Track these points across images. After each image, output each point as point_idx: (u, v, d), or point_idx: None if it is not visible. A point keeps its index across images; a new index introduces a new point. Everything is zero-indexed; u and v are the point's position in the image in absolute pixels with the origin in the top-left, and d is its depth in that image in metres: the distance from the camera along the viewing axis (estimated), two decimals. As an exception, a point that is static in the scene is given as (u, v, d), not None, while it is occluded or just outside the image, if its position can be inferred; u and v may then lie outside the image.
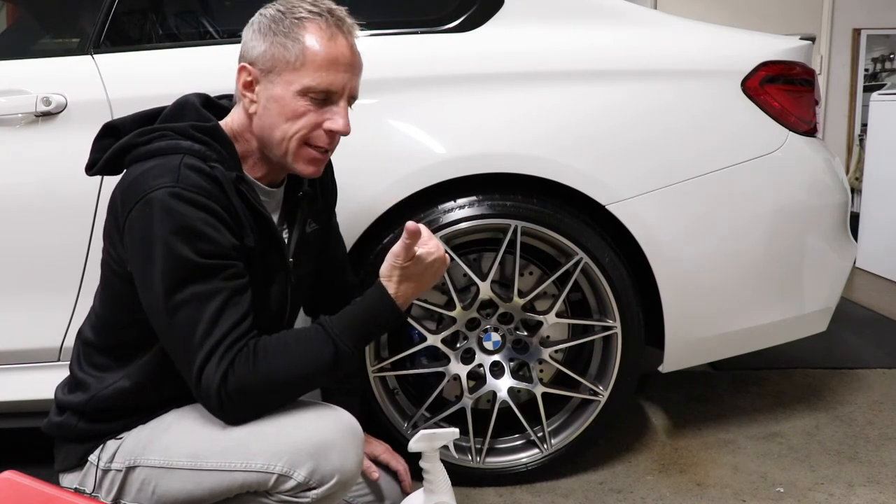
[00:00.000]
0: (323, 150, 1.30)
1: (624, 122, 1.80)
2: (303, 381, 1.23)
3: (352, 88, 1.29)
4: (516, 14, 1.84)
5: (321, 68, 1.24)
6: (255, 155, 1.33)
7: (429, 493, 1.36)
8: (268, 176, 1.36)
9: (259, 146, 1.31)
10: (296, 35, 1.24)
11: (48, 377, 1.59)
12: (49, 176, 1.70)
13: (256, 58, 1.27)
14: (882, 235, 4.13)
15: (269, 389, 1.20)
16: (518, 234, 1.75)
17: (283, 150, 1.28)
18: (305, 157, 1.29)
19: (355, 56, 1.29)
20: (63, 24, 2.01)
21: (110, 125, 1.34)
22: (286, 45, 1.24)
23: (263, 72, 1.26)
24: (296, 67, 1.24)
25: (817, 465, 1.99)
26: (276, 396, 1.23)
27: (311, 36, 1.24)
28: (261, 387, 1.19)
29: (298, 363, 1.21)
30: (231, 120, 1.33)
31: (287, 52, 1.24)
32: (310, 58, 1.24)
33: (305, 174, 1.31)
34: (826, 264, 2.00)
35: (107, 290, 1.32)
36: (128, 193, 1.21)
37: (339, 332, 1.24)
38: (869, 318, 3.38)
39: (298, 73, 1.24)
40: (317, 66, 1.24)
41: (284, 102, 1.25)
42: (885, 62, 5.32)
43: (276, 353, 1.20)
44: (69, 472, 1.34)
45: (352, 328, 1.25)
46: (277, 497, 1.21)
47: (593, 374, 1.92)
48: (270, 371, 1.19)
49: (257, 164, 1.33)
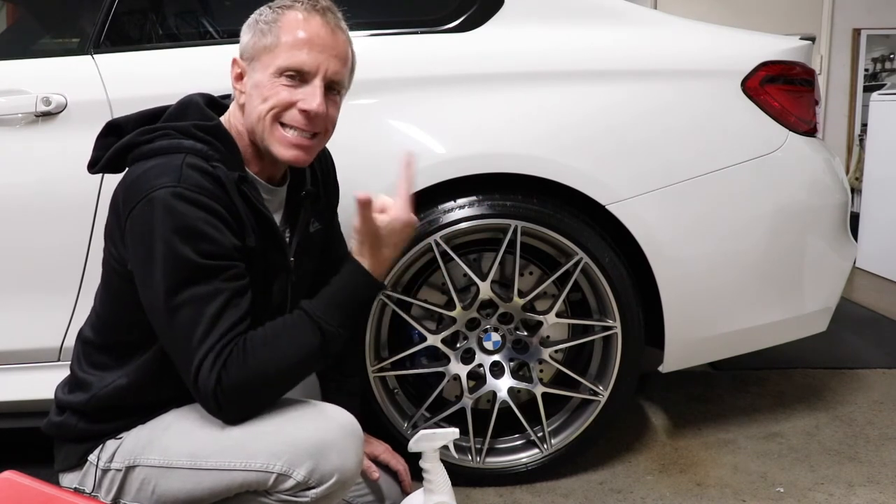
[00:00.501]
0: (307, 135, 1.28)
1: (624, 122, 1.80)
2: (294, 368, 1.23)
3: (330, 71, 1.28)
4: (516, 14, 1.84)
5: (293, 47, 1.25)
6: (250, 150, 1.33)
7: (429, 493, 1.36)
8: (266, 171, 1.35)
9: (251, 140, 1.32)
10: (274, 20, 1.27)
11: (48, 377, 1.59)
12: (49, 176, 1.70)
13: (243, 49, 1.30)
14: (882, 235, 4.13)
15: (262, 383, 1.20)
16: (518, 234, 1.75)
17: (261, 130, 1.28)
18: (280, 138, 1.28)
19: (335, 39, 1.29)
20: (63, 24, 2.01)
21: (113, 123, 1.34)
22: (264, 31, 1.27)
23: (248, 61, 1.29)
24: (271, 50, 1.26)
25: (817, 465, 1.99)
26: (271, 388, 1.22)
27: (286, 19, 1.27)
28: (254, 381, 1.19)
29: (287, 352, 1.21)
30: (227, 116, 1.34)
31: (265, 38, 1.27)
32: (283, 38, 1.26)
33: (285, 158, 1.29)
34: (826, 264, 2.00)
35: (108, 289, 1.32)
36: (129, 192, 1.21)
37: (321, 315, 1.23)
38: (869, 318, 3.38)
39: (273, 55, 1.26)
40: (289, 46, 1.25)
41: (262, 85, 1.27)
42: (885, 62, 5.32)
43: (265, 346, 1.20)
44: (69, 471, 1.34)
45: (333, 307, 1.25)
46: (277, 496, 1.21)
47: (593, 374, 1.92)
48: (261, 364, 1.18)
49: (253, 159, 1.34)
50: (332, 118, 1.32)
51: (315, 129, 1.29)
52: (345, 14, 1.33)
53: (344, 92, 1.35)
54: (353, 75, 1.37)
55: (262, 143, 1.30)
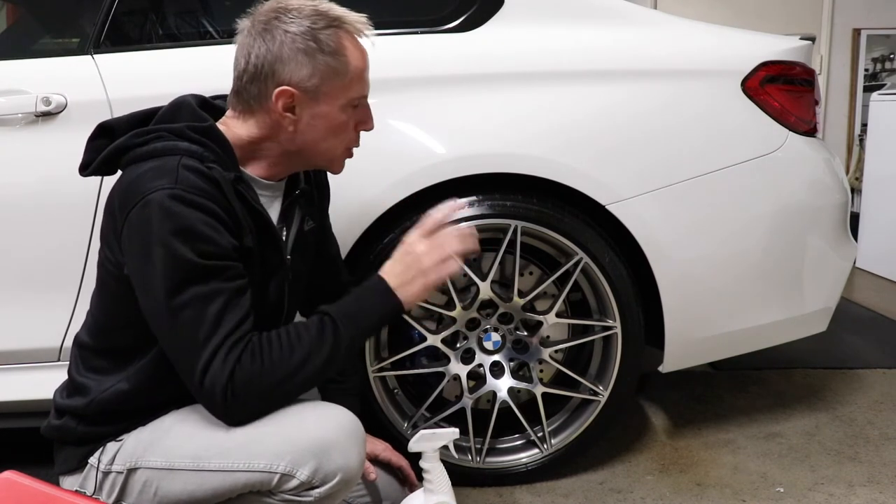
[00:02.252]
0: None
1: (624, 122, 1.80)
2: (308, 373, 1.22)
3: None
4: (516, 14, 1.84)
5: (361, 79, 1.31)
6: (272, 158, 1.33)
7: (429, 493, 1.36)
8: (277, 173, 1.36)
9: (284, 151, 1.32)
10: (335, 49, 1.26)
11: (48, 377, 1.60)
12: (49, 176, 1.69)
13: (299, 81, 1.25)
14: (882, 235, 4.13)
15: (275, 383, 1.19)
16: (518, 234, 1.75)
17: (328, 158, 1.34)
18: (344, 159, 1.37)
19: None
20: (63, 24, 2.01)
21: (104, 126, 1.32)
22: (331, 64, 1.26)
23: (308, 91, 1.26)
24: (344, 84, 1.28)
25: (817, 465, 1.99)
26: (282, 391, 1.21)
27: (348, 47, 1.28)
28: (268, 380, 1.18)
29: (304, 354, 1.20)
30: (239, 128, 1.30)
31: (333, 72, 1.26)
32: (351, 70, 1.28)
33: (337, 173, 1.39)
34: (826, 264, 2.00)
35: (104, 292, 1.31)
36: (125, 196, 1.20)
37: (343, 322, 1.24)
38: (869, 318, 3.38)
39: (345, 87, 1.28)
40: (358, 77, 1.30)
41: (332, 117, 1.29)
42: (885, 62, 5.32)
43: (282, 346, 1.20)
44: (69, 474, 1.33)
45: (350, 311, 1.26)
46: (280, 496, 1.21)
47: (593, 374, 1.92)
48: (277, 363, 1.18)
49: (250, 160, 1.32)
50: None
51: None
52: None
53: None
54: None
55: (316, 164, 1.37)
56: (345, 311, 1.26)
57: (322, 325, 1.23)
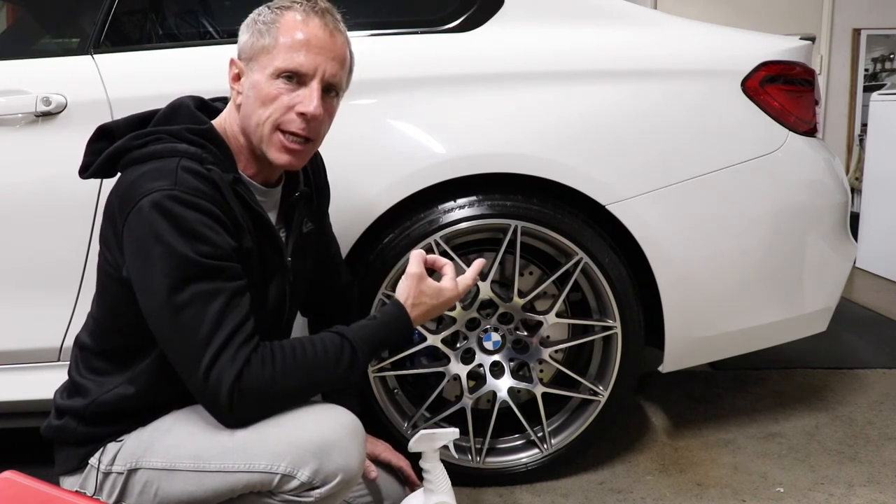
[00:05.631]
0: (300, 139, 1.28)
1: (624, 122, 1.80)
2: (315, 386, 1.25)
3: (328, 73, 1.28)
4: (516, 14, 1.84)
5: (291, 49, 1.25)
6: (245, 152, 1.33)
7: (429, 493, 1.36)
8: (261, 174, 1.35)
9: (246, 142, 1.31)
10: (272, 21, 1.27)
11: (48, 377, 1.60)
12: (49, 176, 1.69)
13: (241, 49, 1.30)
14: (882, 235, 4.13)
15: (282, 392, 1.20)
16: (518, 234, 1.75)
17: (259, 136, 1.28)
18: (277, 143, 1.28)
19: (333, 41, 1.28)
20: (63, 24, 2.01)
21: (104, 128, 1.33)
22: (262, 31, 1.27)
23: (245, 61, 1.29)
24: (269, 51, 1.26)
25: (817, 465, 1.99)
26: (287, 400, 1.23)
27: (285, 20, 1.27)
28: (275, 388, 1.19)
29: (316, 369, 1.22)
30: (222, 119, 1.34)
31: (263, 39, 1.26)
32: (281, 40, 1.26)
33: (280, 163, 1.30)
34: (826, 264, 2.00)
35: (104, 294, 1.32)
36: (125, 198, 1.21)
37: (360, 343, 1.27)
38: (869, 318, 3.38)
39: (271, 56, 1.26)
40: (287, 48, 1.25)
41: (260, 87, 1.26)
42: (885, 62, 5.32)
43: (296, 357, 1.21)
44: (69, 475, 1.33)
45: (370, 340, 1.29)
46: (281, 497, 1.21)
47: (593, 374, 1.92)
48: (288, 374, 1.19)
49: (249, 161, 1.33)
50: (328, 121, 1.33)
51: (310, 134, 1.29)
52: (344, 15, 1.33)
53: (341, 94, 1.35)
54: (351, 77, 1.37)
55: (257, 147, 1.30)
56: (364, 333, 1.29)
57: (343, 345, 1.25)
